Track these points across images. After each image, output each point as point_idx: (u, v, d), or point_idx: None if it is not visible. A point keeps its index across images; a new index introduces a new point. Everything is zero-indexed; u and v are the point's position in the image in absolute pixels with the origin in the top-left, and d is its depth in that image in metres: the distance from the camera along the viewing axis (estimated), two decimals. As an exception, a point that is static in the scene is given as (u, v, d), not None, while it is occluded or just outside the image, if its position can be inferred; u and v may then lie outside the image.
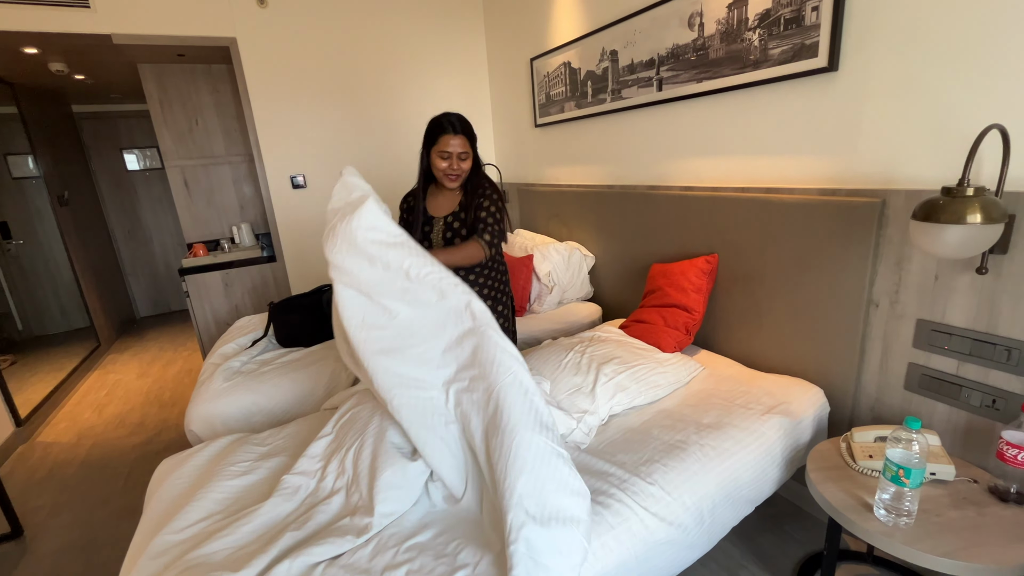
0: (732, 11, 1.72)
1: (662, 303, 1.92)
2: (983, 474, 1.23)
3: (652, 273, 2.07)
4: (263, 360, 2.15)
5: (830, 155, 1.54)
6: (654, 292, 1.99)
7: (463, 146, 1.59)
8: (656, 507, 1.18)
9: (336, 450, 1.35)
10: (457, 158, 1.59)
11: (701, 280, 1.86)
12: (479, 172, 1.69)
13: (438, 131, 1.58)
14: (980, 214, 1.04)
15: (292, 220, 3.12)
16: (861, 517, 1.11)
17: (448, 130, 1.56)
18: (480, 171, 1.70)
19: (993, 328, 1.24)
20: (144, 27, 2.57)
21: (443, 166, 1.60)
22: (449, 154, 1.58)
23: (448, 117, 1.58)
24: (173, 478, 1.38)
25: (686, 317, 1.85)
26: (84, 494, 2.20)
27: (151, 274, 5.02)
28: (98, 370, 3.73)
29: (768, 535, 1.66)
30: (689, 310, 1.85)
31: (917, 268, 1.36)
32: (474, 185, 1.67)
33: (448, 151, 1.58)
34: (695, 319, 1.86)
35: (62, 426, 2.86)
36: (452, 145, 1.57)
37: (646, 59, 2.12)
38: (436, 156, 1.60)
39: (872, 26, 1.37)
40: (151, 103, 3.33)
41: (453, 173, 1.61)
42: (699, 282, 1.86)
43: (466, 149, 1.60)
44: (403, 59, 3.21)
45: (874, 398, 1.53)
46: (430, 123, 1.61)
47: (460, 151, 1.59)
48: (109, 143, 4.66)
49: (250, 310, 3.18)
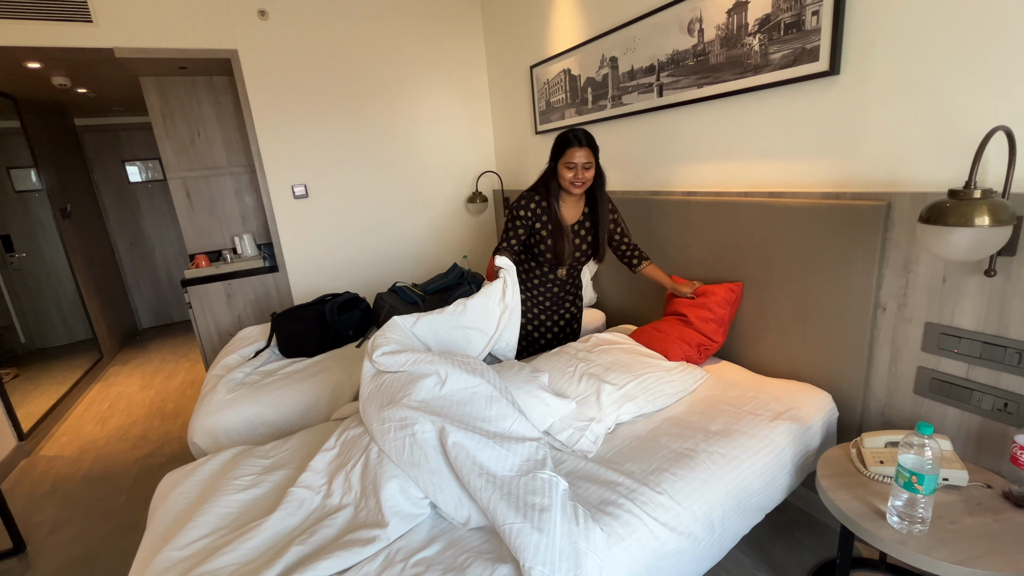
0: (732, 16, 1.72)
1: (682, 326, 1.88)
2: (997, 479, 1.21)
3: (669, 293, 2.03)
4: (266, 371, 2.14)
5: (834, 158, 1.54)
6: (674, 316, 1.94)
7: (587, 157, 1.72)
8: (665, 517, 1.16)
9: (341, 466, 1.34)
10: (582, 168, 1.72)
11: (724, 310, 1.82)
12: (603, 184, 1.85)
13: (565, 144, 1.74)
14: (988, 216, 1.03)
15: (294, 230, 3.12)
16: (874, 524, 1.09)
17: (574, 143, 1.71)
18: (604, 183, 1.86)
19: (1004, 331, 1.22)
20: (146, 40, 2.59)
21: (569, 176, 1.75)
22: (575, 164, 1.71)
23: (574, 131, 1.73)
24: (176, 493, 1.36)
25: (703, 341, 1.83)
26: (87, 509, 2.18)
27: (153, 285, 5.02)
28: (101, 382, 3.72)
29: (780, 543, 1.63)
30: (709, 338, 1.83)
31: (924, 271, 1.35)
32: (599, 195, 1.86)
33: (574, 162, 1.71)
34: (713, 347, 1.85)
35: (65, 439, 2.85)
36: (577, 156, 1.71)
37: (646, 65, 2.12)
38: (563, 167, 1.75)
39: (873, 29, 1.37)
40: (153, 115, 3.35)
41: (578, 182, 1.75)
42: (721, 312, 1.82)
43: (590, 160, 1.73)
44: (403, 68, 3.23)
45: (883, 403, 1.51)
46: (557, 138, 1.77)
47: (584, 161, 1.72)
48: (111, 156, 4.68)
49: (252, 320, 3.17)
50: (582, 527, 1.05)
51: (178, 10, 2.62)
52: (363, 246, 3.35)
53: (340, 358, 2.16)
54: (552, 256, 1.87)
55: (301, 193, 3.09)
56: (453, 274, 2.71)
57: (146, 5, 2.55)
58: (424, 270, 3.58)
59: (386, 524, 1.12)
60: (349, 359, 2.14)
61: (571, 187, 1.76)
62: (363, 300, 2.55)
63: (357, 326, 2.43)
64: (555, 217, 1.83)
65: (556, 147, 1.77)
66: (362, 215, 3.31)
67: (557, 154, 1.77)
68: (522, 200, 1.83)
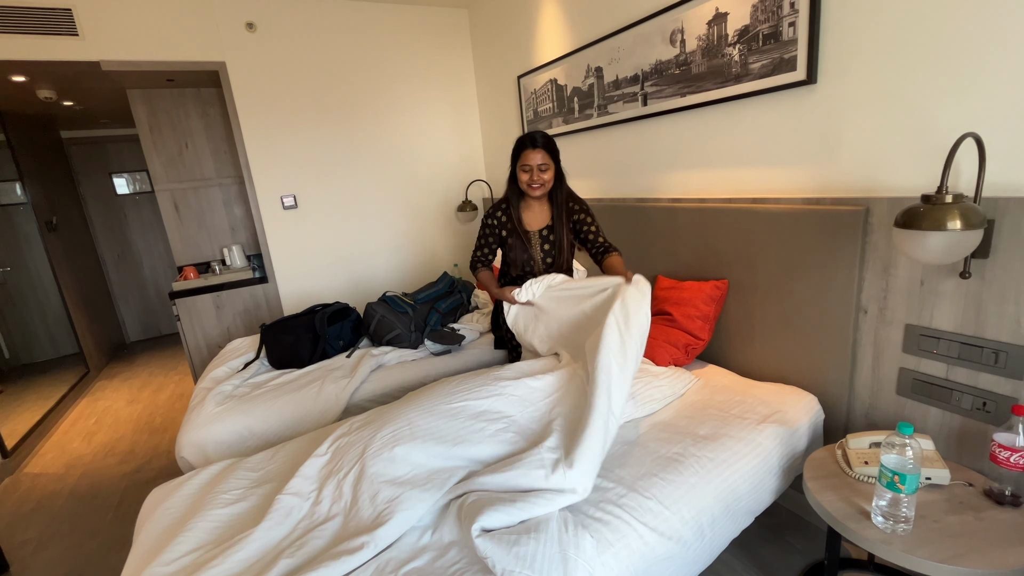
0: (712, 27, 1.76)
1: (667, 326, 1.90)
2: (978, 477, 1.23)
3: (656, 291, 2.04)
4: (256, 383, 2.12)
5: (813, 165, 1.57)
6: (659, 315, 1.96)
7: (543, 158, 1.73)
8: (655, 522, 1.17)
9: (332, 473, 1.33)
10: (537, 169, 1.74)
11: (709, 307, 1.84)
12: (563, 186, 1.83)
13: (520, 147, 1.76)
14: (960, 220, 1.06)
15: (283, 241, 3.11)
16: (859, 525, 1.11)
17: (528, 145, 1.73)
18: (564, 184, 1.84)
19: (980, 331, 1.25)
20: (133, 53, 2.59)
21: (525, 178, 1.76)
22: (530, 167, 1.73)
23: (530, 134, 1.75)
24: (163, 508, 1.35)
25: (689, 340, 1.85)
26: (73, 526, 2.14)
27: (141, 298, 4.97)
28: (87, 397, 3.66)
29: (769, 546, 1.64)
30: (695, 336, 1.85)
31: (903, 274, 1.38)
32: (557, 198, 1.83)
33: (529, 164, 1.73)
34: (699, 346, 1.86)
35: (50, 456, 2.80)
36: (532, 158, 1.73)
37: (631, 75, 2.16)
38: (519, 170, 1.77)
39: (848, 40, 1.41)
40: (140, 128, 3.34)
41: (535, 183, 1.76)
42: (707, 309, 1.84)
43: (546, 161, 1.74)
44: (392, 79, 3.25)
45: (868, 404, 1.53)
46: (516, 141, 1.78)
47: (540, 163, 1.73)
48: (98, 168, 4.65)
49: (242, 332, 3.15)
50: (571, 535, 1.06)
51: (165, 23, 2.63)
52: (353, 256, 3.35)
53: (331, 369, 2.15)
54: (514, 261, 1.87)
55: (290, 204, 3.09)
56: (443, 283, 2.71)
57: (133, 18, 2.55)
58: (414, 279, 3.58)
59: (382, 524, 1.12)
60: (340, 370, 2.14)
61: (529, 189, 1.77)
62: (353, 310, 2.54)
63: (347, 336, 2.42)
64: (514, 223, 1.83)
65: (514, 151, 1.78)
66: (352, 225, 3.31)
67: (515, 157, 1.78)
68: (490, 209, 1.89)
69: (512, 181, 1.82)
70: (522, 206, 1.86)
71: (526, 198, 1.84)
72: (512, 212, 1.83)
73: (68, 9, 2.41)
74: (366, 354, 2.24)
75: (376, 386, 2.09)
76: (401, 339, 2.34)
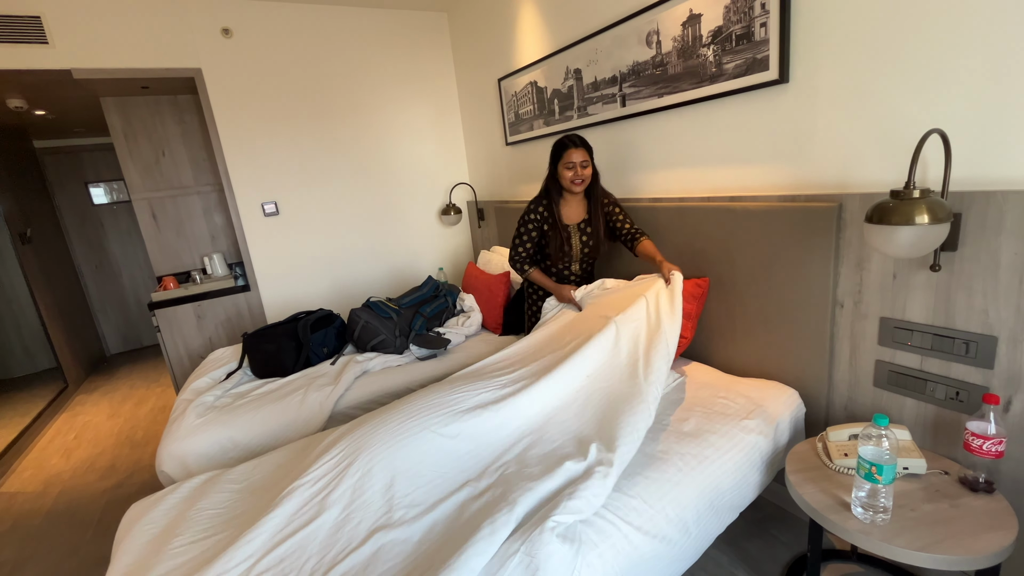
0: (686, 28, 1.78)
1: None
2: (953, 465, 1.26)
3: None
4: (238, 393, 2.09)
5: (787, 162, 1.60)
6: None
7: (583, 156, 1.90)
8: (639, 521, 1.17)
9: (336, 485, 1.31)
10: (580, 166, 1.90)
11: (691, 305, 1.85)
12: (598, 182, 2.00)
13: (562, 148, 1.92)
14: (927, 215, 1.09)
15: (265, 248, 3.08)
16: (840, 516, 1.13)
17: (570, 145, 1.89)
18: (599, 180, 2.01)
19: (951, 323, 1.28)
20: (106, 61, 2.54)
21: (569, 175, 1.91)
22: (573, 164, 1.89)
23: (569, 136, 1.92)
24: (142, 524, 1.32)
25: None
26: (51, 545, 2.09)
27: (121, 310, 4.87)
28: (66, 412, 3.58)
29: (755, 540, 1.66)
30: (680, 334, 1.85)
31: (876, 268, 1.41)
32: (594, 192, 2.00)
33: (572, 161, 1.89)
34: (682, 343, 1.87)
35: (27, 474, 2.73)
36: (575, 156, 1.89)
37: (609, 76, 2.18)
38: (563, 168, 1.92)
39: (818, 39, 1.44)
40: (115, 136, 3.27)
41: (578, 179, 1.91)
42: (689, 307, 1.84)
43: (586, 159, 1.90)
44: (372, 83, 3.23)
45: (847, 396, 1.56)
46: (555, 144, 1.95)
47: (581, 160, 1.89)
48: (74, 178, 4.55)
49: (224, 342, 3.10)
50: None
51: (138, 30, 2.58)
52: (336, 262, 3.32)
53: (315, 376, 2.13)
54: (553, 253, 2.03)
55: (272, 211, 3.06)
56: (428, 287, 2.70)
57: (105, 25, 2.51)
58: (398, 284, 3.56)
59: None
60: (324, 377, 2.11)
61: (572, 185, 1.92)
62: (337, 317, 2.52)
63: (331, 343, 2.40)
64: (555, 218, 1.99)
65: (554, 151, 1.94)
66: (334, 231, 3.28)
67: (556, 157, 1.94)
68: (531, 205, 2.02)
69: (551, 179, 1.98)
70: (560, 202, 2.00)
71: (564, 194, 2.00)
72: (552, 207, 1.98)
73: (37, 17, 2.36)
74: (351, 361, 2.22)
75: (361, 392, 2.07)
76: (386, 344, 2.32)
